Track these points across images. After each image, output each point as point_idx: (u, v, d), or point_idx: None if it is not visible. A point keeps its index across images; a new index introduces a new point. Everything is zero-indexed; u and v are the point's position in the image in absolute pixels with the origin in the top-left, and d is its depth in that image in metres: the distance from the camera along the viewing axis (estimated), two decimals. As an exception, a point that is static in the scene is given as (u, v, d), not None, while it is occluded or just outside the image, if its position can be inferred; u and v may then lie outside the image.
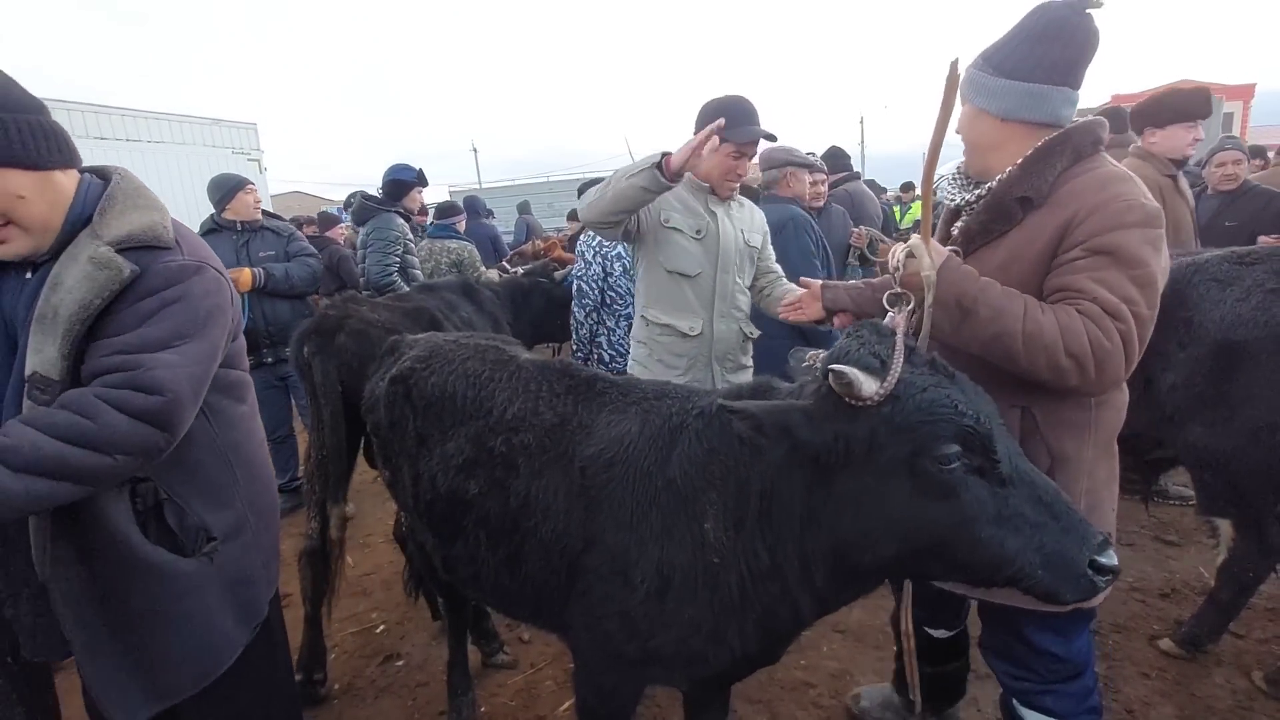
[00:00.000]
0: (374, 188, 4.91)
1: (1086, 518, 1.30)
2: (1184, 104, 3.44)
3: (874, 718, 2.36)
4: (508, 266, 5.43)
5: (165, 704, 1.40)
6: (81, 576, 1.31)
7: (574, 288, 3.81)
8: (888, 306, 1.42)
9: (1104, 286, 1.31)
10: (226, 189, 4.11)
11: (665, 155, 2.05)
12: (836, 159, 5.77)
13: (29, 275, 1.32)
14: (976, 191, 1.55)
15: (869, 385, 1.20)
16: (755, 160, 3.97)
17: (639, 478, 1.53)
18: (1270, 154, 7.21)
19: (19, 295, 1.31)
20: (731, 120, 2.25)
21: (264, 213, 4.32)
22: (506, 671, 2.76)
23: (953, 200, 1.64)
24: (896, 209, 11.06)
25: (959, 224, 1.60)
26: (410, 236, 4.51)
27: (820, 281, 1.97)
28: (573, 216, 9.90)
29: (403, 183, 4.68)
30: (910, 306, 1.40)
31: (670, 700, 2.47)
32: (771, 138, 2.44)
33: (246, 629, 1.53)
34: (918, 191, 8.27)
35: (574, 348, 3.90)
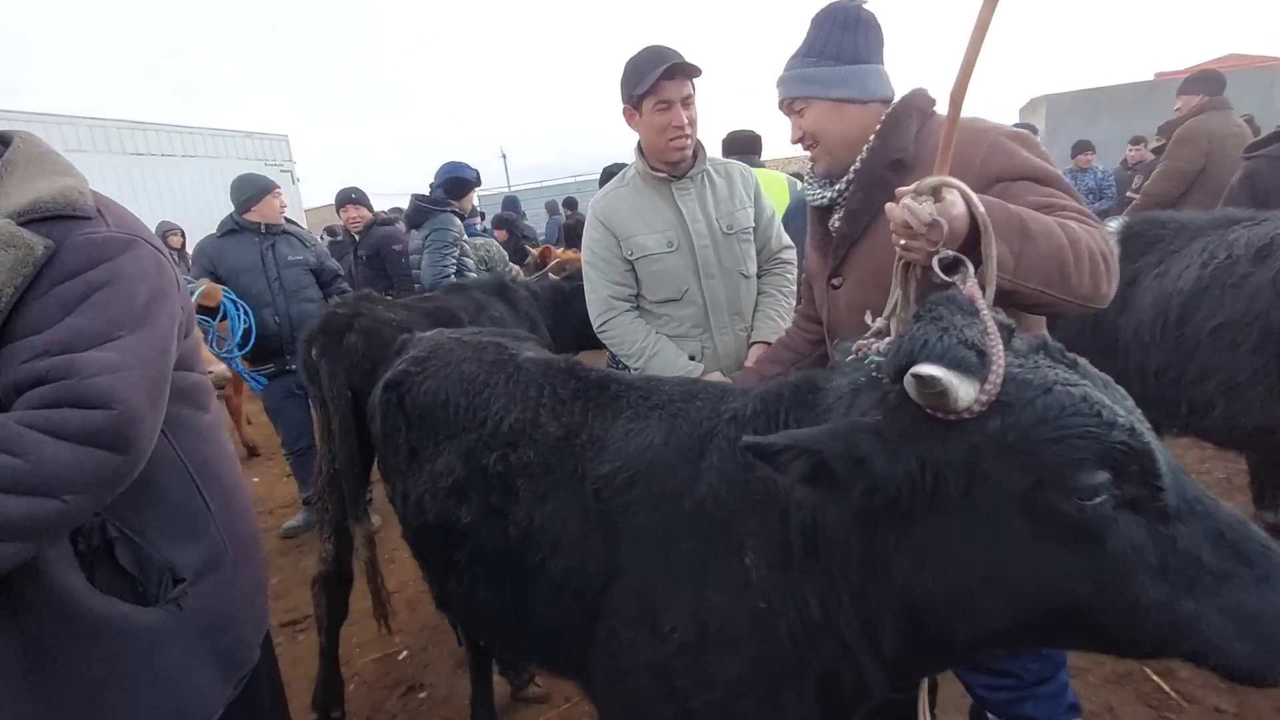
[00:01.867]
0: (404, 198, 4.93)
1: None
2: None
3: None
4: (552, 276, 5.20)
5: None
6: (10, 641, 1.05)
7: None
8: (945, 277, 1.04)
9: (1055, 198, 1.30)
10: (254, 190, 4.03)
11: None
12: None
13: None
14: (846, 179, 1.54)
15: (966, 391, 0.84)
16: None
17: (665, 500, 1.23)
18: None
19: None
20: (638, 74, 2.03)
21: (285, 219, 4.30)
22: (538, 706, 2.53)
23: (821, 199, 1.60)
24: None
25: (836, 217, 1.59)
26: (466, 237, 4.43)
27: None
28: (569, 205, 9.91)
29: (465, 180, 4.65)
30: (971, 268, 1.04)
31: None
32: (691, 67, 2.01)
33: (230, 682, 1.27)
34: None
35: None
